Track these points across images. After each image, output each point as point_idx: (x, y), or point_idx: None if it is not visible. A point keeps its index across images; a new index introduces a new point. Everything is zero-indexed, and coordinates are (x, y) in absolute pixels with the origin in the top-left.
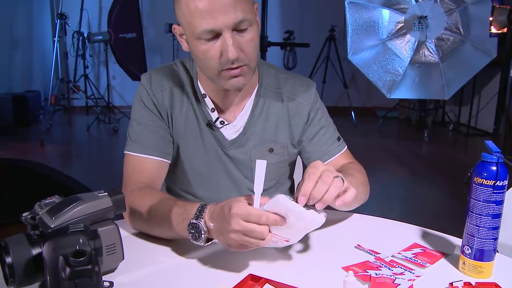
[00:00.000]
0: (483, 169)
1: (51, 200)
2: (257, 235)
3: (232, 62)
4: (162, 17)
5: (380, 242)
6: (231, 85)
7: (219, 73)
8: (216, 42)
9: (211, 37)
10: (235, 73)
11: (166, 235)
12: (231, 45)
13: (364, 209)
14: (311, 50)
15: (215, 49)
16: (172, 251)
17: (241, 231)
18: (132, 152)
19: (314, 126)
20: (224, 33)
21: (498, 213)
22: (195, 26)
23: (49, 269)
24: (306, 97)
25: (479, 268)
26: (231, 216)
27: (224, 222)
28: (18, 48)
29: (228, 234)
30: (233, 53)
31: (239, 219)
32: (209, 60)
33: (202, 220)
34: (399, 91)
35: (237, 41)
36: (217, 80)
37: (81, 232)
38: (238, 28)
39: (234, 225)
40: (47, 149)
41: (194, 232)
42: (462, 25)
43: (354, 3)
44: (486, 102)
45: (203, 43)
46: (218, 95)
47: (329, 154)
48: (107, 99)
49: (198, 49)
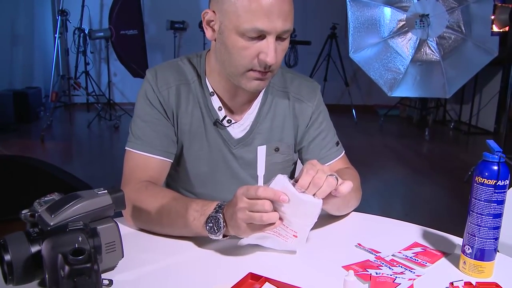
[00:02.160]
0: (485, 169)
1: (50, 197)
2: (259, 208)
3: (266, 66)
4: (164, 14)
5: (381, 241)
6: (252, 86)
7: (245, 72)
8: (257, 43)
9: (255, 36)
10: (263, 76)
11: (177, 232)
12: (273, 50)
13: (364, 207)
14: (313, 48)
15: (254, 49)
16: (172, 249)
17: (246, 208)
18: (135, 149)
19: (315, 129)
20: (270, 37)
21: (499, 213)
22: (245, 21)
23: (48, 267)
24: (311, 99)
25: (480, 267)
26: (237, 196)
27: (232, 206)
28: (19, 44)
29: (236, 214)
30: (272, 59)
31: (242, 196)
32: (243, 58)
33: (221, 215)
34: (400, 90)
35: (276, 48)
36: (239, 78)
37: (80, 230)
38: (281, 36)
39: (239, 203)
40: (48, 145)
41: (212, 225)
42: (463, 24)
43: (356, 1)
44: (487, 101)
45: (244, 40)
46: (227, 93)
47: (327, 158)
48: (108, 96)
49: (235, 44)
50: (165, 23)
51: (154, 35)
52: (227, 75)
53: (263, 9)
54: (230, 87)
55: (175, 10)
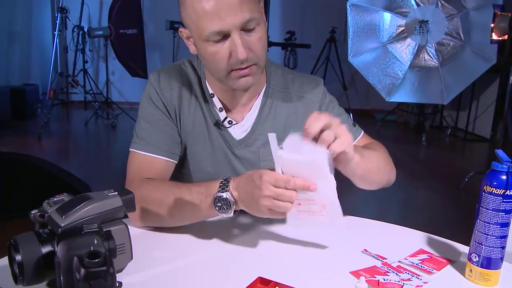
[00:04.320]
0: (493, 178)
1: (60, 198)
2: (286, 198)
3: (241, 62)
4: (163, 14)
5: (387, 247)
6: (240, 85)
7: (228, 74)
8: (225, 43)
9: (219, 38)
10: (244, 72)
11: (187, 219)
12: (240, 45)
13: (361, 211)
14: (312, 51)
15: (224, 50)
16: (181, 252)
17: (271, 196)
18: (140, 150)
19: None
20: (232, 33)
21: (507, 222)
22: (203, 28)
23: (63, 269)
24: (315, 94)
25: (486, 276)
26: (262, 183)
27: (254, 189)
28: (16, 41)
29: (259, 200)
30: (242, 53)
31: (269, 184)
32: (218, 62)
33: (229, 192)
34: (398, 95)
35: (245, 41)
36: (226, 81)
37: (95, 232)
38: (246, 28)
39: (265, 190)
40: (45, 143)
41: (221, 204)
42: (462, 31)
43: (356, 6)
44: (485, 108)
45: (211, 45)
46: (226, 95)
47: None
48: (105, 94)
49: (206, 51)
50: (165, 23)
51: (153, 35)
52: (218, 81)
53: (211, 11)
54: (226, 89)
55: (175, 10)
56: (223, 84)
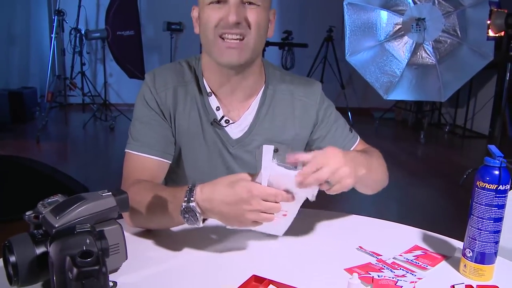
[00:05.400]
0: (486, 173)
1: (54, 199)
2: (275, 211)
3: (231, 27)
4: (161, 15)
5: (382, 244)
6: (224, 58)
7: (215, 40)
8: (222, 7)
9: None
10: (231, 44)
11: (166, 224)
12: (234, 8)
13: (360, 209)
14: (309, 51)
15: (219, 12)
16: (175, 252)
17: (260, 210)
18: (133, 150)
19: (326, 124)
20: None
21: (500, 217)
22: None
23: (56, 269)
24: (312, 97)
25: (480, 271)
26: (252, 198)
27: (241, 203)
28: (15, 44)
29: (245, 214)
30: (233, 16)
31: (260, 199)
32: (210, 23)
33: (194, 202)
34: (396, 93)
35: (241, 10)
36: (213, 49)
37: (88, 232)
38: (246, 0)
39: (255, 206)
40: (43, 146)
41: (188, 216)
42: (459, 28)
43: (353, 4)
44: (482, 105)
45: (210, 9)
46: (223, 89)
47: (346, 147)
48: (103, 96)
49: (204, 16)
50: (162, 24)
51: (150, 36)
52: (208, 54)
53: None
54: (224, 80)
55: (172, 12)
56: (212, 57)
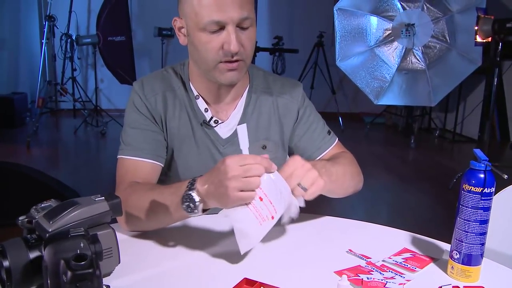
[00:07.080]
0: (472, 177)
1: (47, 204)
2: (255, 172)
3: (232, 55)
4: (152, 20)
5: (371, 247)
6: (226, 78)
7: (216, 66)
8: (219, 35)
9: (216, 29)
10: (233, 66)
11: (163, 221)
12: (234, 38)
13: (350, 213)
14: (300, 56)
15: (218, 41)
16: (167, 255)
17: (240, 175)
18: (125, 155)
19: (304, 123)
20: (228, 26)
21: (486, 219)
22: (203, 16)
23: (50, 272)
24: (294, 95)
25: (467, 272)
26: (227, 166)
27: (220, 175)
28: (4, 49)
29: (227, 183)
30: (235, 46)
31: (234, 164)
32: (210, 51)
33: (195, 190)
34: (386, 98)
35: (238, 36)
36: (213, 72)
37: (82, 236)
38: (241, 25)
39: (230, 172)
40: (34, 151)
41: (188, 203)
42: (448, 34)
43: (343, 10)
44: (471, 109)
45: (206, 35)
46: (211, 95)
47: (322, 148)
48: (94, 102)
49: (200, 40)
50: (153, 29)
51: (141, 42)
52: (204, 73)
53: (214, 2)
54: (212, 87)
55: (163, 17)
56: (209, 77)
